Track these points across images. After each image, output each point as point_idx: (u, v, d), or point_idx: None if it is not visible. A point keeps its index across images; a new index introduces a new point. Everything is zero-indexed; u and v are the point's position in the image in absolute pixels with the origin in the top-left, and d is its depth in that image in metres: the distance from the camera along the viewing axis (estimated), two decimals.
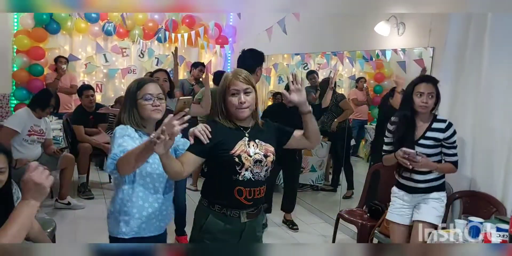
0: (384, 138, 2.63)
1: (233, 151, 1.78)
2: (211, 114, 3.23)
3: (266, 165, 1.85)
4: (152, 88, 1.89)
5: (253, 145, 1.81)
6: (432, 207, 2.48)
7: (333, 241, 3.45)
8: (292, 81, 1.82)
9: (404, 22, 3.73)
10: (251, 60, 3.18)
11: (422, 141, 2.50)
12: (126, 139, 1.79)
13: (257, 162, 1.82)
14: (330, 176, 5.13)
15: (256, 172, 1.82)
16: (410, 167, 2.37)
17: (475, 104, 2.77)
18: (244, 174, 1.79)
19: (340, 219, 3.38)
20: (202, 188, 1.94)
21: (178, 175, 1.72)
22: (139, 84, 1.90)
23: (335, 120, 4.73)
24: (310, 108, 1.86)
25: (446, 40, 2.98)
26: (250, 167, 1.80)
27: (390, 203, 2.66)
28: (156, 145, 1.52)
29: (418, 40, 3.59)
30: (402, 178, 2.59)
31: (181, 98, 1.72)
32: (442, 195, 2.53)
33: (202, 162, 1.83)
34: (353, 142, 4.98)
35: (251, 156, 1.80)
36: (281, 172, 4.14)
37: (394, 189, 2.66)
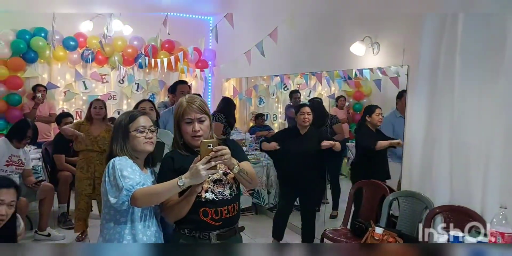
0: None
1: None
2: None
3: (229, 183, 1.89)
4: (144, 121, 1.92)
5: None
6: None
7: None
8: None
9: (378, 42, 3.83)
10: None
11: None
12: (131, 171, 1.80)
13: (217, 181, 1.86)
14: None
15: (219, 192, 1.86)
16: None
17: (451, 121, 2.83)
18: (205, 196, 1.83)
19: (325, 239, 3.37)
20: None
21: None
22: (131, 117, 1.92)
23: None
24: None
25: (419, 59, 3.07)
26: (210, 188, 1.85)
27: None
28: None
29: (392, 59, 3.68)
30: None
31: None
32: None
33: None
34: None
35: (209, 177, 1.82)
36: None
37: None
